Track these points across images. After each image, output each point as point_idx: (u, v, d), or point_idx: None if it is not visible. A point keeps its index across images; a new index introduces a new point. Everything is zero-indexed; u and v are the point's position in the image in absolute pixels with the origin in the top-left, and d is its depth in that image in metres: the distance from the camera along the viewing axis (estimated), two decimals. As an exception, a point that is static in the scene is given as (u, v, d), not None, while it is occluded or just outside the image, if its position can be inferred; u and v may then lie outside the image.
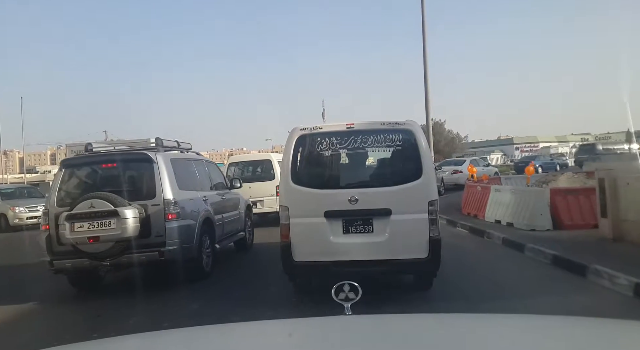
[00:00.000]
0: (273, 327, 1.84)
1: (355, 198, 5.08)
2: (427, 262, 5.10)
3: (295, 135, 5.39)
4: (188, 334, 1.71)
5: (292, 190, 5.28)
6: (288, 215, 5.23)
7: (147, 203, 6.38)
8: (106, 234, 6.09)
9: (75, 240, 6.10)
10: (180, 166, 7.21)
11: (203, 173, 8.13)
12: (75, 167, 6.88)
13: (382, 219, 5.10)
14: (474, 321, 1.74)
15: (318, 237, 5.17)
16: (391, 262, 5.13)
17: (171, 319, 5.26)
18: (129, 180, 6.71)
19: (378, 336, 1.50)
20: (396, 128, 5.28)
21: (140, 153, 6.79)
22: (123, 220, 6.07)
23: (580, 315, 1.80)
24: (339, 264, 5.11)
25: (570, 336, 1.44)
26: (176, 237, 6.42)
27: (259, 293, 6.23)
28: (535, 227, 8.95)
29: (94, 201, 6.13)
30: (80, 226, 6.10)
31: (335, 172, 5.66)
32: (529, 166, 13.83)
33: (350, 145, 5.33)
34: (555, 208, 9.03)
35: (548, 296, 5.37)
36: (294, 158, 5.36)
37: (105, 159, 6.83)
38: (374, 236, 5.13)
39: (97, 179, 6.85)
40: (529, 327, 1.57)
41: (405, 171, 5.30)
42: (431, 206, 5.08)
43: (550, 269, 6.63)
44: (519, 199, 9.63)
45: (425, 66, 18.23)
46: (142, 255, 6.28)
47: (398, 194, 5.13)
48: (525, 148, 62.62)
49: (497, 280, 6.26)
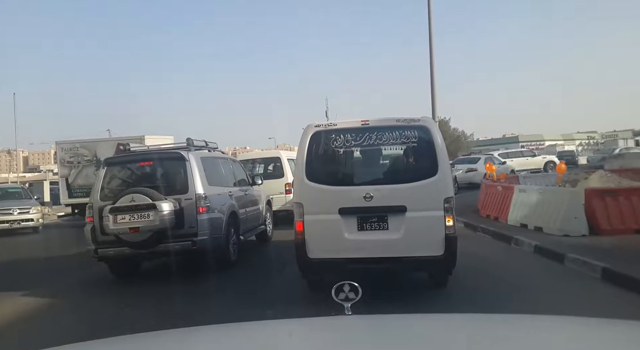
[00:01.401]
0: (273, 327, 1.83)
1: (370, 195, 5.08)
2: (443, 260, 5.06)
3: (309, 131, 5.40)
4: (188, 334, 1.72)
5: (307, 187, 5.29)
6: (302, 212, 5.23)
7: (180, 197, 7.04)
8: (145, 225, 6.76)
9: (118, 230, 6.78)
10: (209, 164, 7.88)
11: (228, 170, 8.82)
12: (116, 165, 7.61)
13: (398, 216, 5.09)
14: (474, 321, 1.75)
15: (332, 234, 5.17)
16: (406, 260, 5.10)
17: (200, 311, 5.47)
18: (164, 176, 7.40)
19: (378, 336, 1.51)
20: (411, 124, 5.27)
21: (174, 152, 7.49)
22: (160, 213, 6.74)
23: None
24: (354, 261, 5.12)
25: (570, 336, 1.45)
26: (207, 228, 7.09)
27: (276, 278, 6.90)
28: (568, 232, 7.98)
29: (134, 195, 6.80)
30: (122, 218, 6.78)
31: (350, 169, 5.71)
32: (560, 164, 12.21)
33: (365, 141, 5.35)
34: (591, 211, 8.04)
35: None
36: (308, 155, 5.36)
37: (143, 157, 7.57)
38: (389, 233, 5.11)
39: (135, 175, 7.56)
40: (529, 327, 1.58)
41: (421, 168, 5.30)
42: (447, 203, 5.06)
43: (602, 286, 5.59)
44: (549, 200, 8.72)
45: (432, 64, 17.83)
46: (177, 245, 6.96)
47: (413, 191, 5.13)
48: (531, 146, 62.84)
49: (540, 302, 5.00)
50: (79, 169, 16.02)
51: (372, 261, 5.18)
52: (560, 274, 6.30)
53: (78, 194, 15.85)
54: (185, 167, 7.20)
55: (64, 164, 16.22)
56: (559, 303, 5.06)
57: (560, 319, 1.78)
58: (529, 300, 5.11)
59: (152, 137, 15.77)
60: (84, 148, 16.12)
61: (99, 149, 15.66)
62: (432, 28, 17.85)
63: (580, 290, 5.52)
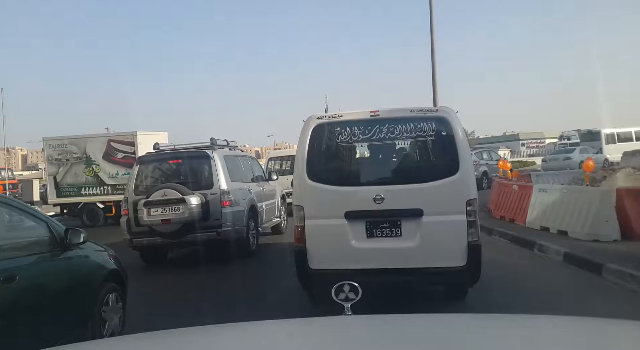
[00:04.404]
0: (273, 327, 1.82)
1: (381, 196, 4.50)
2: (465, 272, 4.45)
3: (311, 124, 4.75)
4: (188, 334, 1.72)
5: (308, 187, 4.68)
6: (303, 216, 4.65)
7: (206, 192, 7.78)
8: (176, 217, 7.50)
9: (151, 222, 7.53)
10: (231, 161, 8.63)
11: (247, 167, 9.58)
12: (149, 163, 8.37)
13: (413, 221, 4.51)
14: (474, 321, 1.75)
15: (337, 241, 4.59)
16: (423, 271, 4.48)
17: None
18: (192, 173, 8.15)
19: (378, 336, 1.52)
20: (428, 115, 4.63)
21: (200, 151, 8.24)
22: (189, 206, 7.49)
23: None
24: (362, 273, 4.38)
25: (570, 336, 1.45)
26: (230, 220, 7.84)
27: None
28: (598, 237, 7.21)
29: (166, 190, 7.55)
30: (155, 211, 7.53)
31: (358, 167, 5.15)
32: (588, 160, 10.40)
33: (374, 135, 4.71)
34: (624, 213, 7.26)
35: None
36: (309, 151, 4.73)
37: (172, 156, 8.35)
38: (403, 241, 4.52)
39: (166, 172, 8.33)
40: (530, 327, 1.57)
41: (440, 165, 4.69)
42: (469, 206, 4.45)
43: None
44: (575, 200, 7.86)
45: (434, 63, 17.45)
46: (203, 235, 7.70)
47: (431, 191, 4.53)
48: (532, 144, 63.35)
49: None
50: (68, 167, 15.22)
51: (383, 273, 4.55)
52: (600, 289, 5.41)
53: (67, 193, 15.13)
54: (210, 165, 7.95)
55: (52, 161, 15.41)
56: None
57: (560, 319, 1.77)
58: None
59: (145, 133, 15.42)
60: (73, 145, 15.33)
61: (88, 146, 15.11)
62: (434, 29, 17.56)
63: (636, 313, 4.49)
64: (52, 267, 3.74)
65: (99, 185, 14.99)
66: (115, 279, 4.40)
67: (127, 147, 14.86)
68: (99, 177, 14.99)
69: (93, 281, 4.08)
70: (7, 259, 3.31)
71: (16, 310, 3.19)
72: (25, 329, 3.22)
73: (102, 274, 4.21)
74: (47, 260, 3.70)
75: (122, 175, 14.36)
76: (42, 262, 3.65)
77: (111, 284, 4.30)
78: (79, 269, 4.03)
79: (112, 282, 4.33)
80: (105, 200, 14.88)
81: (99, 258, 4.32)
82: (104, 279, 4.21)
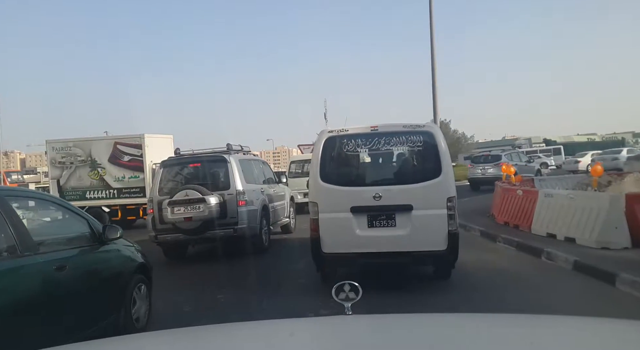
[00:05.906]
0: (273, 327, 1.84)
1: (379, 195, 5.55)
2: (446, 254, 5.54)
3: (323, 137, 5.94)
4: (188, 334, 1.74)
5: (321, 187, 5.79)
6: (317, 211, 5.75)
7: (224, 193, 8.56)
8: (197, 215, 8.28)
9: (175, 219, 8.32)
10: (245, 165, 9.41)
11: (259, 170, 10.39)
12: (171, 166, 9.18)
13: (404, 214, 5.55)
14: (474, 321, 1.75)
15: (345, 230, 5.65)
16: (412, 254, 5.57)
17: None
18: (210, 175, 8.93)
19: (378, 336, 1.52)
20: (417, 130, 5.76)
21: (218, 155, 9.04)
22: (209, 205, 8.26)
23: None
24: (364, 256, 5.63)
25: (570, 336, 1.45)
26: (245, 218, 8.61)
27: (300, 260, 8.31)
28: (608, 244, 6.99)
29: (188, 191, 8.33)
30: (178, 209, 8.32)
31: (361, 171, 6.22)
32: (596, 165, 10.12)
33: (374, 146, 5.84)
34: (634, 219, 7.06)
35: None
36: (322, 158, 5.87)
37: (192, 160, 9.17)
38: (397, 230, 5.58)
39: (187, 175, 9.14)
40: (530, 327, 1.58)
41: (426, 170, 5.74)
42: (449, 202, 5.50)
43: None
44: (583, 206, 7.62)
45: (433, 68, 17.39)
46: (221, 232, 8.48)
47: (419, 191, 5.58)
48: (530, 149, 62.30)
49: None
50: (72, 170, 14.64)
51: (381, 255, 5.64)
52: (620, 302, 5.10)
53: (71, 196, 14.24)
54: (227, 168, 8.72)
55: (55, 164, 14.83)
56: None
57: (560, 318, 1.79)
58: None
59: (152, 136, 15.12)
60: (78, 147, 14.77)
61: (94, 148, 14.64)
62: (434, 31, 16.74)
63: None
64: (93, 259, 4.28)
65: (105, 189, 14.44)
66: (142, 271, 4.95)
67: (134, 149, 14.45)
68: (104, 180, 14.49)
69: (126, 272, 4.63)
70: (59, 250, 3.89)
71: (67, 294, 3.65)
72: (73, 310, 3.73)
73: (132, 266, 4.76)
74: (89, 252, 4.23)
75: (129, 179, 14.22)
76: (85, 254, 4.17)
77: (140, 275, 4.85)
78: (115, 261, 4.60)
79: (141, 274, 4.88)
80: (111, 204, 14.34)
81: (129, 252, 4.89)
82: (134, 270, 4.76)
